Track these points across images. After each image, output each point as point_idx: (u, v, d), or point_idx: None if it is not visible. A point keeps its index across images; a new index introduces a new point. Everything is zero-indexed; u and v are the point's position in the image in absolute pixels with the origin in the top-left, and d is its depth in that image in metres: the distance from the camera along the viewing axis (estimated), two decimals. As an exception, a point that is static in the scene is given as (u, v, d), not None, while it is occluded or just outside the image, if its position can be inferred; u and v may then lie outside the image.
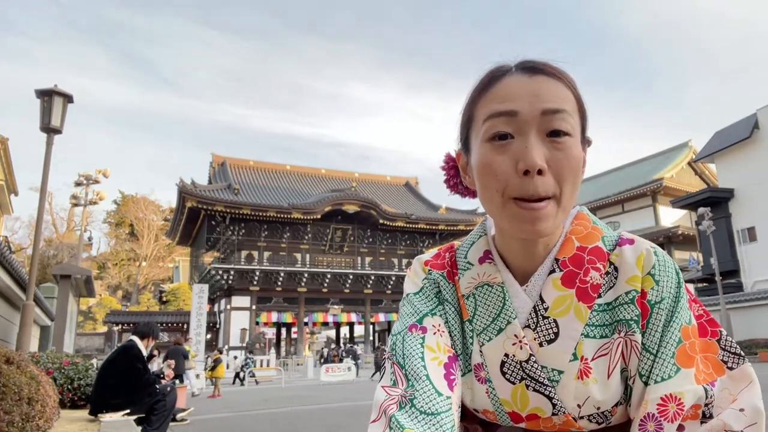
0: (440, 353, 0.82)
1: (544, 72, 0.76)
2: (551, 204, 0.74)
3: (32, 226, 38.58)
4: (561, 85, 0.76)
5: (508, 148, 0.74)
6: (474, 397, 0.86)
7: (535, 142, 0.73)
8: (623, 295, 0.78)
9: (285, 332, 41.94)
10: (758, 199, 27.12)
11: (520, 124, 0.74)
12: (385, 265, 40.36)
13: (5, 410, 2.98)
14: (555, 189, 0.74)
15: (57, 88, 8.27)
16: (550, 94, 0.75)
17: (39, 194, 8.63)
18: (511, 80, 0.77)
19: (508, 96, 0.75)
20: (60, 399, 5.13)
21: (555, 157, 0.73)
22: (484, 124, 0.76)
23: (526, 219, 0.73)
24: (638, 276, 0.78)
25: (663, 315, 0.77)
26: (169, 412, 5.20)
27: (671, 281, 0.78)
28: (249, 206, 34.78)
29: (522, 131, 0.74)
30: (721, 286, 23.97)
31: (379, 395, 0.78)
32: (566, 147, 0.74)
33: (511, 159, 0.73)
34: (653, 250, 0.81)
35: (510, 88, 0.76)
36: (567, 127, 0.74)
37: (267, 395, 14.91)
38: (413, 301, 0.89)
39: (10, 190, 22.28)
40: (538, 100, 0.74)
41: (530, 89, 0.75)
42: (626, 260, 0.80)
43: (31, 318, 8.13)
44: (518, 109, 0.74)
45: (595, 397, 0.77)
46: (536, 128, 0.74)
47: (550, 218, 0.74)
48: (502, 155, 0.74)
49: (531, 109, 0.74)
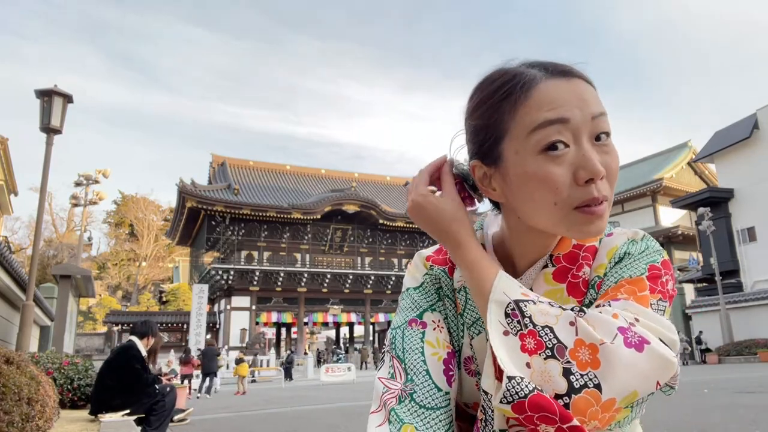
0: (440, 349, 0.83)
1: (578, 75, 0.75)
2: (607, 204, 0.74)
3: (32, 226, 38.63)
4: (592, 88, 0.76)
5: (563, 159, 0.71)
6: (463, 390, 0.87)
7: (590, 148, 0.72)
8: (590, 282, 0.79)
9: (285, 332, 41.96)
10: (758, 199, 27.13)
11: (574, 131, 0.72)
12: (385, 265, 40.36)
13: (5, 410, 2.98)
14: (609, 191, 0.74)
15: (57, 89, 8.28)
16: (593, 97, 0.74)
17: (39, 194, 8.63)
18: (551, 85, 0.73)
19: (555, 102, 0.72)
20: (60, 399, 5.13)
21: (605, 160, 0.73)
22: (533, 135, 0.72)
23: (588, 222, 0.72)
24: (604, 263, 0.78)
25: (609, 275, 0.76)
26: (168, 413, 5.19)
27: (634, 250, 0.78)
28: (249, 206, 34.79)
29: (576, 139, 0.72)
30: (721, 286, 23.99)
31: (379, 386, 0.80)
32: (611, 149, 0.74)
33: (569, 169, 0.71)
34: (632, 239, 0.80)
35: (554, 93, 0.73)
36: (609, 129, 0.74)
37: (267, 395, 14.91)
38: (413, 295, 0.89)
39: (10, 190, 22.28)
40: (586, 105, 0.72)
41: (575, 94, 0.73)
42: (601, 252, 0.80)
43: (31, 318, 8.13)
44: (570, 116, 0.71)
45: None
46: (588, 134, 0.72)
47: (606, 216, 0.74)
48: (559, 167, 0.71)
49: (582, 114, 0.72)
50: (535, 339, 0.66)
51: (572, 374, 0.63)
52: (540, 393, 0.63)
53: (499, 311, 0.69)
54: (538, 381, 0.64)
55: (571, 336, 0.64)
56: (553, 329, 0.65)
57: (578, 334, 0.64)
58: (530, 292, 0.71)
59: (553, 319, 0.66)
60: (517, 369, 0.65)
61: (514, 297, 0.69)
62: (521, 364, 0.65)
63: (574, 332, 0.64)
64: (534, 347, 0.65)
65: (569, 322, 0.65)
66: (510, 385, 0.63)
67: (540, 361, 0.64)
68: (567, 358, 0.63)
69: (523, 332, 0.67)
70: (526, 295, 0.70)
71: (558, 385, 0.63)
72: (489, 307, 0.70)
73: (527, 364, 0.65)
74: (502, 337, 0.68)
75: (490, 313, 0.70)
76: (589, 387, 0.62)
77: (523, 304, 0.68)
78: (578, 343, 0.64)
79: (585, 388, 0.62)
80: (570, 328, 0.65)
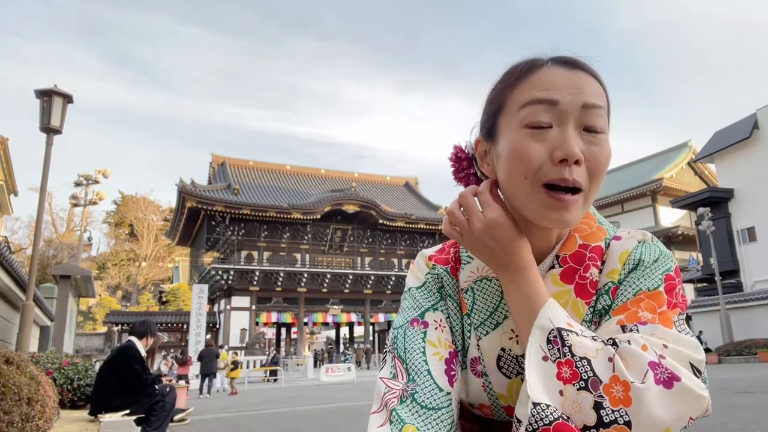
0: (441, 349, 0.82)
1: (582, 67, 0.77)
2: (580, 197, 0.74)
3: (32, 226, 38.61)
4: (596, 82, 0.77)
5: (544, 137, 0.73)
6: (469, 391, 0.87)
7: (573, 133, 0.73)
8: (602, 287, 0.79)
9: (285, 332, 41.95)
10: (758, 199, 27.11)
11: (560, 114, 0.74)
12: (385, 265, 40.35)
13: (5, 410, 2.98)
14: (586, 182, 0.74)
15: (57, 89, 8.27)
16: (590, 89, 0.75)
17: (39, 194, 8.63)
18: (551, 71, 0.76)
19: (549, 85, 0.75)
20: (60, 399, 5.13)
21: (590, 151, 0.74)
22: (521, 111, 0.75)
23: (555, 207, 0.73)
24: (618, 269, 0.79)
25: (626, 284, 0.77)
26: (168, 413, 5.19)
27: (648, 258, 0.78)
28: (249, 206, 34.78)
29: (561, 121, 0.74)
30: (721, 286, 23.98)
31: (380, 386, 0.80)
32: (601, 143, 0.75)
33: (547, 147, 0.73)
34: (642, 241, 0.81)
35: (551, 77, 0.76)
36: (602, 124, 0.75)
37: (267, 395, 14.91)
38: (415, 295, 0.89)
39: (10, 191, 22.27)
40: (580, 93, 0.74)
41: (572, 81, 0.75)
42: (612, 256, 0.80)
43: (31, 318, 8.12)
44: (560, 98, 0.73)
45: None
46: (575, 121, 0.74)
47: (578, 210, 0.74)
48: (538, 143, 0.73)
49: (572, 100, 0.73)
50: (571, 369, 0.66)
51: (603, 408, 0.63)
52: (565, 422, 0.63)
53: (541, 337, 0.70)
54: (569, 410, 0.65)
55: (608, 372, 0.65)
56: (591, 362, 0.66)
57: (614, 371, 0.65)
58: (576, 323, 0.72)
59: (592, 352, 0.67)
60: (547, 396, 0.66)
61: (558, 325, 0.70)
62: (554, 391, 0.66)
63: (611, 368, 0.65)
64: (569, 376, 0.66)
65: (608, 358, 0.66)
66: (535, 411, 0.64)
67: (573, 391, 0.65)
68: (600, 392, 0.64)
69: (561, 360, 0.67)
70: (570, 325, 0.70)
71: (588, 417, 0.64)
72: (532, 332, 0.71)
73: (560, 391, 0.66)
74: (540, 362, 0.69)
75: (532, 337, 0.70)
76: (619, 423, 0.62)
77: (566, 333, 0.69)
78: (613, 380, 0.64)
79: (615, 423, 0.62)
80: (608, 364, 0.65)
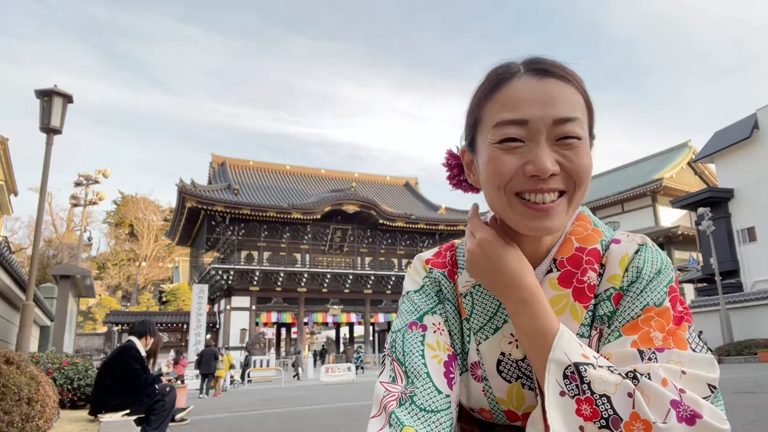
0: (440, 352, 0.82)
1: (553, 74, 0.75)
2: (563, 201, 0.74)
3: (32, 227, 38.61)
4: (570, 88, 0.75)
5: (517, 151, 0.74)
6: (470, 395, 0.87)
7: (545, 148, 0.73)
8: (602, 293, 0.79)
9: (285, 332, 41.94)
10: (758, 199, 27.11)
11: (531, 132, 0.73)
12: (385, 265, 40.34)
13: (5, 410, 2.98)
14: (567, 185, 0.74)
15: (57, 89, 8.27)
16: (561, 100, 0.74)
17: (39, 194, 8.63)
18: (520, 84, 0.75)
19: (517, 103, 0.74)
20: (60, 399, 5.13)
21: (566, 157, 0.74)
22: (493, 130, 0.75)
23: (534, 217, 0.73)
24: (619, 275, 0.78)
25: (630, 296, 0.77)
26: (168, 412, 5.19)
27: (650, 268, 0.78)
28: (249, 206, 34.77)
29: (532, 138, 0.73)
30: (721, 286, 23.97)
31: (379, 391, 0.79)
32: (577, 149, 0.74)
33: (519, 160, 0.73)
34: (642, 245, 0.81)
35: (519, 92, 0.74)
36: (578, 131, 0.74)
37: (266, 395, 14.91)
38: (413, 298, 0.89)
39: (10, 191, 22.27)
40: (550, 107, 0.73)
41: (540, 94, 0.73)
42: (612, 260, 0.80)
43: (31, 318, 8.12)
44: (528, 117, 0.73)
45: None
46: (547, 135, 0.73)
47: (560, 215, 0.74)
48: (510, 156, 0.74)
49: (542, 116, 0.73)
50: (591, 407, 0.66)
51: None
52: None
53: (558, 371, 0.70)
54: None
55: (628, 408, 0.64)
56: (611, 399, 0.66)
57: (635, 407, 0.64)
58: (590, 352, 0.71)
59: (612, 388, 0.66)
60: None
61: (574, 359, 0.69)
62: (574, 427, 0.66)
63: (631, 405, 0.65)
64: (590, 414, 0.66)
65: (628, 393, 0.65)
66: None
67: (594, 429, 0.65)
68: (621, 430, 0.64)
69: (580, 397, 0.67)
70: (586, 357, 0.70)
71: None
72: (548, 366, 0.70)
73: (581, 428, 0.66)
74: (558, 397, 0.68)
75: (549, 372, 0.70)
76: None
77: (583, 368, 0.68)
78: (634, 417, 0.64)
79: None
80: (627, 400, 0.65)
